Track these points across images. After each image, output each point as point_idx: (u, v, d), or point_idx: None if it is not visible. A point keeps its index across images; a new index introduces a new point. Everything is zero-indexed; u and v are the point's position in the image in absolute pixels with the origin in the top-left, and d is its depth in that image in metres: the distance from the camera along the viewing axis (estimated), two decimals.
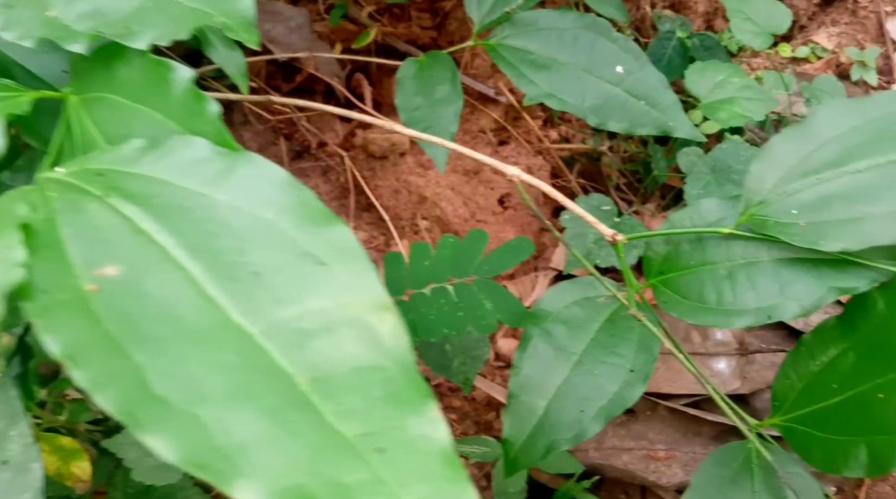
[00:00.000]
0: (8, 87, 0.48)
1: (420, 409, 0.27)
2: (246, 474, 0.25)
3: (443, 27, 1.49)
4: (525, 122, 1.53)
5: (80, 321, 0.28)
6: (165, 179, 0.33)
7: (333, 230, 0.30)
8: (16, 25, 0.45)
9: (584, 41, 1.05)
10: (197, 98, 0.37)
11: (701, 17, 1.67)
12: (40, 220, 0.33)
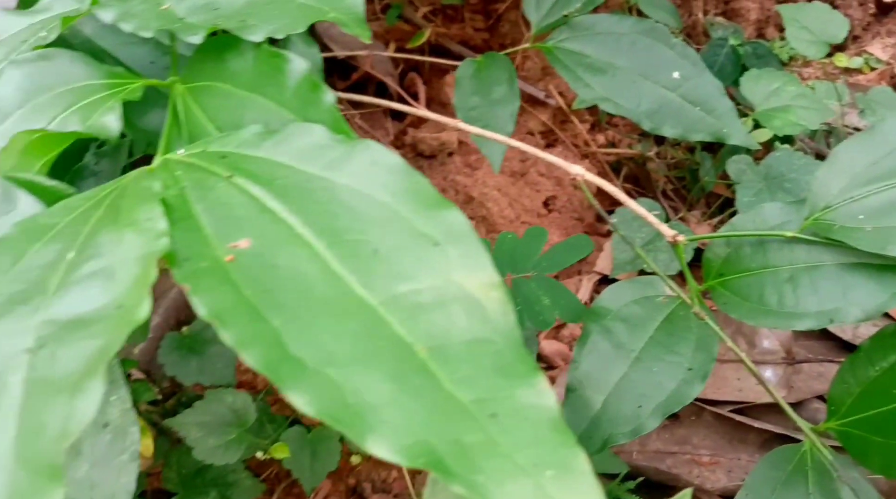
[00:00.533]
0: (120, 75, 0.51)
1: (528, 380, 0.29)
2: (376, 430, 0.27)
3: (495, 29, 1.52)
4: (573, 126, 1.55)
5: (222, 287, 0.30)
6: (287, 163, 0.36)
7: (447, 214, 0.33)
8: (132, 17, 0.49)
9: (642, 46, 1.06)
10: (313, 88, 0.39)
11: (752, 25, 1.67)
12: (173, 195, 0.36)
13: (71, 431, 0.25)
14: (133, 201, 0.35)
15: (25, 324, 0.30)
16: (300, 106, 0.40)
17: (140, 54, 0.72)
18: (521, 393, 0.29)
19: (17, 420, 0.27)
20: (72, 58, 0.50)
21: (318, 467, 0.86)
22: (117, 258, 0.32)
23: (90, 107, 0.47)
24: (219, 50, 0.46)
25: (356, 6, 0.42)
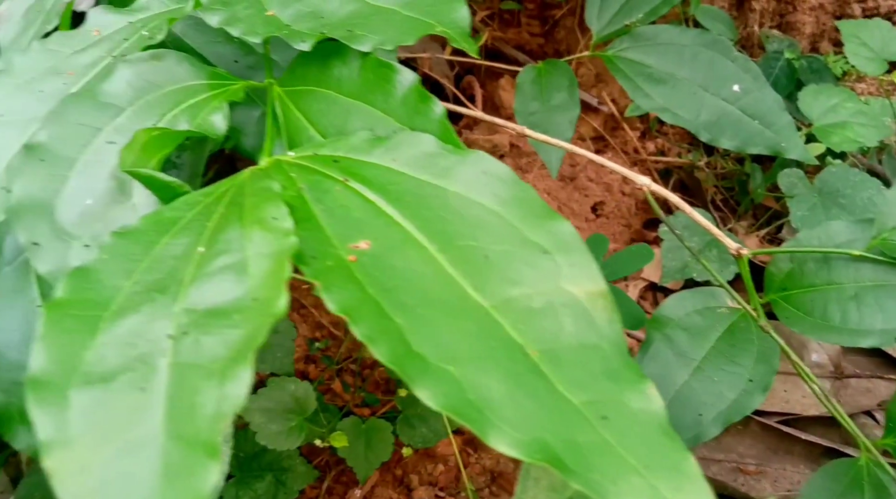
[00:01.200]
0: (223, 76, 0.54)
1: (637, 385, 0.31)
2: (496, 426, 0.29)
3: (551, 35, 1.53)
4: (623, 133, 1.56)
5: (348, 285, 0.33)
6: (399, 170, 0.38)
7: (556, 224, 0.35)
8: (238, 22, 0.51)
9: (703, 58, 1.07)
10: (423, 99, 0.41)
11: (807, 39, 1.67)
12: (292, 196, 0.38)
13: (225, 412, 0.27)
14: (256, 200, 0.37)
15: (166, 311, 0.33)
16: (407, 115, 0.42)
17: (225, 53, 0.75)
18: (631, 397, 0.30)
19: (167, 400, 0.29)
20: (178, 59, 0.53)
21: (372, 456, 0.88)
22: (248, 254, 0.34)
23: (197, 106, 0.50)
24: (322, 56, 0.48)
25: (463, 20, 0.43)
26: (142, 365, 0.30)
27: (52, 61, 0.60)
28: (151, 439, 0.28)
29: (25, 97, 0.57)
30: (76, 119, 0.48)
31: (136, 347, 0.31)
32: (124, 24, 0.62)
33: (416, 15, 0.44)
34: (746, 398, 0.65)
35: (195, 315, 0.32)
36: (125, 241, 0.37)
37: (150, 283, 0.34)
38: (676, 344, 0.68)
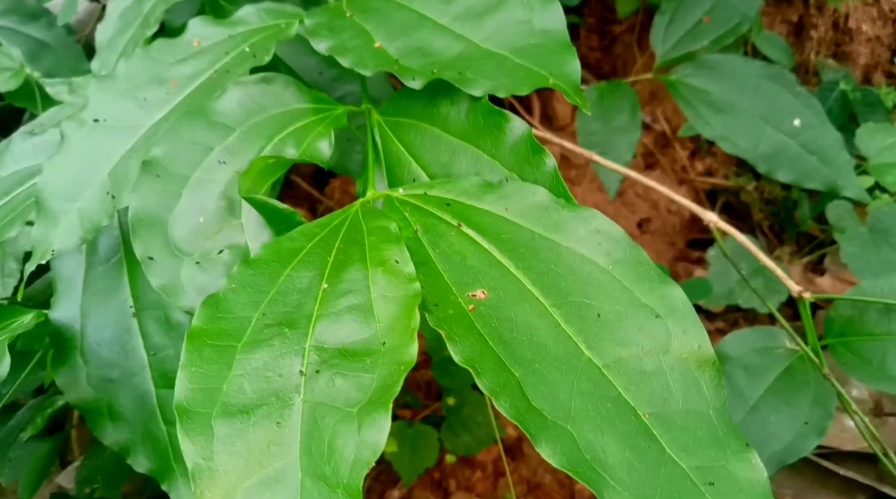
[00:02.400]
0: (325, 100, 0.55)
1: (742, 454, 0.33)
2: (612, 487, 0.31)
3: (610, 50, 1.53)
4: (673, 151, 1.57)
5: (470, 335, 0.34)
6: (512, 220, 0.40)
7: (667, 289, 0.36)
8: (347, 52, 0.53)
9: (766, 90, 1.08)
10: (534, 150, 0.43)
11: (860, 69, 1.66)
12: (408, 238, 0.40)
13: (366, 459, 0.29)
14: (376, 240, 0.39)
15: (297, 347, 0.35)
16: (517, 163, 0.43)
17: (309, 64, 0.77)
18: (736, 465, 0.32)
19: (302, 437, 0.31)
20: (285, 83, 0.54)
21: (417, 462, 0.91)
22: (373, 296, 0.36)
23: (303, 131, 0.52)
24: (429, 92, 0.49)
25: (574, 74, 0.45)
26: (276, 400, 0.32)
27: (154, 69, 0.62)
28: (289, 475, 0.30)
29: (129, 104, 0.59)
30: (190, 137, 0.50)
31: (270, 382, 0.33)
32: (224, 36, 0.64)
33: (527, 63, 0.46)
34: (802, 441, 0.67)
35: (325, 354, 0.34)
36: (251, 271, 0.39)
37: (278, 315, 0.36)
38: (734, 382, 0.70)
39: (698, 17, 1.15)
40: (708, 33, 1.13)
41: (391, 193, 0.45)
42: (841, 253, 1.13)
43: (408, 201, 0.43)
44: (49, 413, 0.87)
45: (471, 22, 0.51)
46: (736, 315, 1.33)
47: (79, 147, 0.58)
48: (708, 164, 1.58)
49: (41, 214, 0.56)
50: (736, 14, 1.13)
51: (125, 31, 0.71)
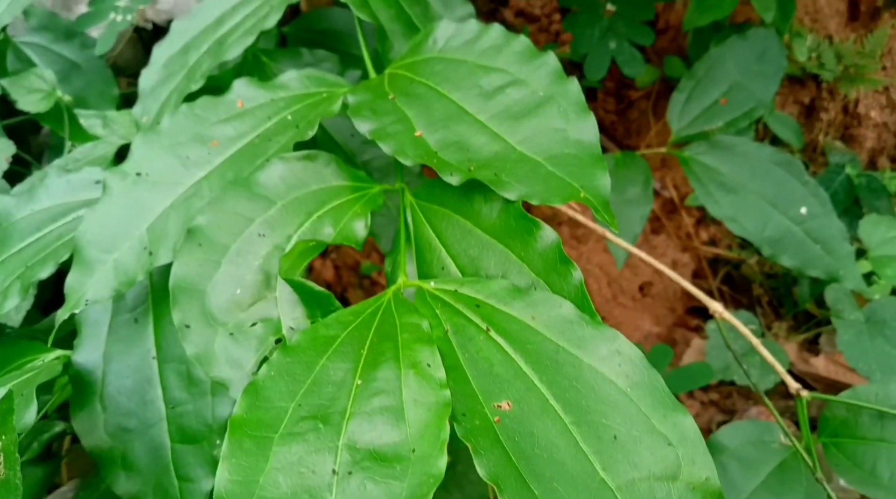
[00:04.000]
0: (363, 178, 0.58)
1: None
2: None
3: (625, 114, 1.57)
4: (679, 218, 1.60)
5: (495, 450, 0.36)
6: (538, 329, 0.42)
7: (680, 417, 0.38)
8: (389, 138, 0.55)
9: (776, 176, 1.11)
10: (563, 260, 0.45)
11: (867, 153, 1.70)
12: (439, 338, 0.42)
13: None
14: (409, 339, 0.41)
15: (330, 444, 0.37)
16: (545, 270, 0.46)
17: (342, 125, 0.80)
18: None
19: None
20: (327, 160, 0.57)
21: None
22: (404, 398, 0.38)
23: (340, 209, 0.54)
24: (464, 186, 0.51)
25: (605, 189, 0.47)
26: (310, 498, 0.34)
27: (197, 127, 0.64)
28: None
29: (172, 161, 0.62)
30: (233, 207, 0.53)
31: (304, 478, 0.35)
32: (267, 100, 0.67)
33: (560, 173, 0.48)
34: None
35: (357, 454, 0.36)
36: (289, 358, 0.41)
37: (313, 408, 0.38)
38: (729, 473, 0.72)
39: (715, 98, 1.18)
40: (723, 115, 1.17)
41: (423, 284, 0.47)
42: (837, 340, 1.15)
43: (439, 297, 0.45)
44: (46, 439, 0.88)
45: (508, 122, 0.54)
46: (730, 388, 1.36)
47: (120, 199, 0.60)
48: (712, 232, 1.61)
49: (78, 262, 0.58)
50: (752, 99, 1.16)
51: (169, 80, 0.74)
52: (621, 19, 1.07)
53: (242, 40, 0.70)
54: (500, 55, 0.59)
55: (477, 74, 0.58)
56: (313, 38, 1.06)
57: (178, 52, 0.75)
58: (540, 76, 0.56)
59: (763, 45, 1.17)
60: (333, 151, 0.78)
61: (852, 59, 1.48)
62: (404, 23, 0.75)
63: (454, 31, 0.64)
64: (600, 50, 1.06)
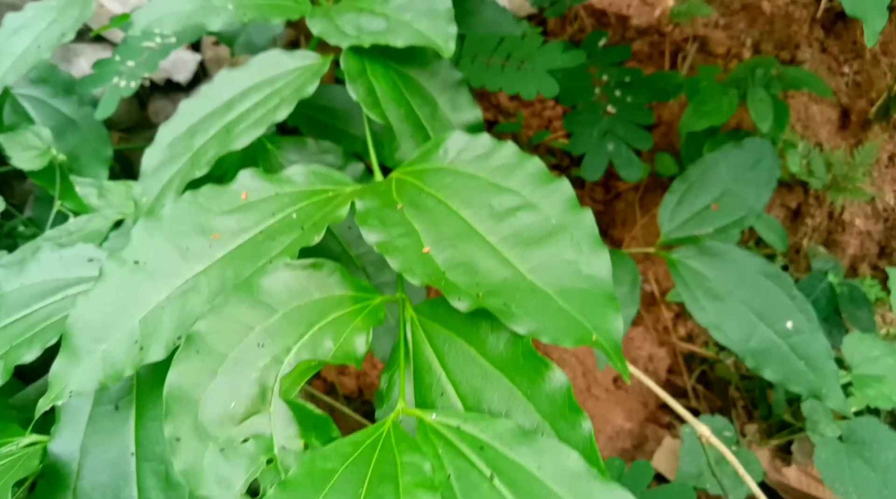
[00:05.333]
0: (365, 288, 0.57)
1: None
2: None
3: (612, 204, 1.59)
4: (659, 311, 1.60)
5: None
6: (545, 481, 0.41)
7: None
8: (397, 252, 0.55)
9: (764, 287, 1.12)
10: (573, 408, 0.45)
11: (849, 258, 1.73)
12: (440, 482, 0.41)
13: None
14: (410, 482, 0.40)
15: None
16: (551, 413, 0.45)
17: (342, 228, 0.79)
18: None
19: None
20: (331, 269, 0.56)
21: None
22: None
23: (341, 322, 0.53)
24: (471, 313, 0.51)
25: (617, 333, 0.47)
26: None
27: (200, 217, 0.63)
28: None
29: (171, 251, 0.61)
30: (233, 314, 0.51)
31: None
32: (272, 193, 0.66)
33: (571, 310, 0.48)
34: None
35: None
36: (286, 494, 0.39)
37: None
38: None
39: (706, 203, 1.19)
40: (714, 220, 1.18)
41: (424, 416, 0.46)
42: (814, 459, 1.15)
43: (441, 434, 0.44)
44: None
45: (519, 248, 0.54)
46: (701, 494, 1.34)
47: (115, 287, 0.59)
48: (690, 328, 1.62)
49: (65, 349, 0.56)
50: (743, 207, 1.18)
51: (173, 162, 0.73)
52: (620, 122, 1.09)
53: (251, 131, 0.70)
54: (513, 175, 0.59)
55: (488, 192, 0.59)
56: (313, 114, 1.07)
57: (184, 134, 0.75)
58: (553, 202, 0.56)
59: (758, 154, 1.20)
60: (329, 242, 0.78)
61: (841, 169, 1.52)
62: (413, 123, 0.76)
63: (466, 143, 0.64)
64: (598, 151, 1.07)
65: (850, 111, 1.54)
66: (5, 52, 0.97)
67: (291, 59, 0.79)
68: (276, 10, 0.83)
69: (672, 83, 1.28)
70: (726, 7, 1.45)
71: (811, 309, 1.09)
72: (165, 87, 1.45)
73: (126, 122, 1.45)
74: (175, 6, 0.84)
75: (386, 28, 0.77)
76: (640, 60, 1.48)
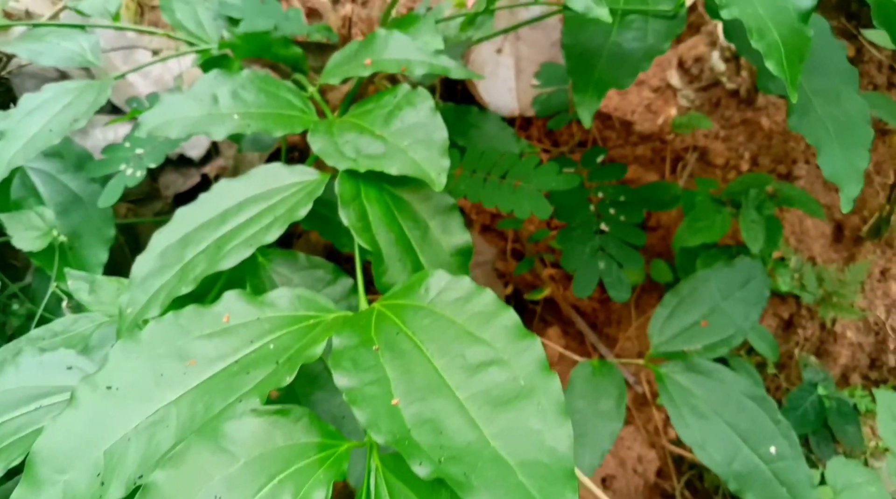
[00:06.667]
0: (333, 434, 0.57)
1: None
2: None
3: (607, 303, 1.59)
4: (650, 412, 1.59)
5: None
6: None
7: None
8: (364, 402, 0.55)
9: (750, 410, 1.11)
10: None
11: (840, 368, 1.72)
12: None
13: None
14: None
15: None
16: None
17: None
18: None
19: None
20: (299, 415, 0.57)
21: None
22: None
23: (303, 473, 0.53)
24: None
25: None
26: None
27: (179, 340, 0.64)
28: None
29: (146, 376, 0.61)
30: (194, 461, 0.52)
31: None
32: (253, 318, 0.67)
33: (531, 487, 0.48)
34: None
35: None
36: None
37: None
38: None
39: (696, 319, 1.20)
40: (703, 337, 1.18)
41: None
42: None
43: None
44: None
45: (486, 408, 0.54)
46: None
47: (85, 413, 0.59)
48: None
49: (27, 477, 0.56)
50: (732, 325, 1.18)
51: (162, 273, 0.74)
52: (613, 241, 1.10)
53: (240, 251, 0.71)
54: (489, 326, 0.60)
55: (463, 342, 0.59)
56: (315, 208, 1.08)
57: (177, 243, 0.76)
58: (523, 362, 0.56)
59: (748, 274, 1.21)
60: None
61: (833, 285, 1.52)
62: (403, 246, 0.77)
63: (447, 284, 0.65)
64: (589, 268, 1.08)
65: (844, 226, 1.56)
66: (17, 134, 0.99)
67: (290, 173, 0.81)
68: (281, 121, 0.85)
69: (670, 194, 1.30)
70: (726, 120, 1.48)
71: (794, 435, 1.09)
72: (178, 161, 1.47)
73: (135, 193, 1.47)
74: (183, 111, 0.86)
75: (384, 152, 0.79)
76: (642, 165, 1.50)
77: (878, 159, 1.58)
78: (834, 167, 0.74)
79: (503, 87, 1.44)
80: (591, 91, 0.87)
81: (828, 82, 0.79)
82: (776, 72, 0.59)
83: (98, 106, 1.03)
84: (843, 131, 0.74)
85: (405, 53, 0.89)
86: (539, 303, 1.54)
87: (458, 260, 0.80)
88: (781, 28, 0.61)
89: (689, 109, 1.52)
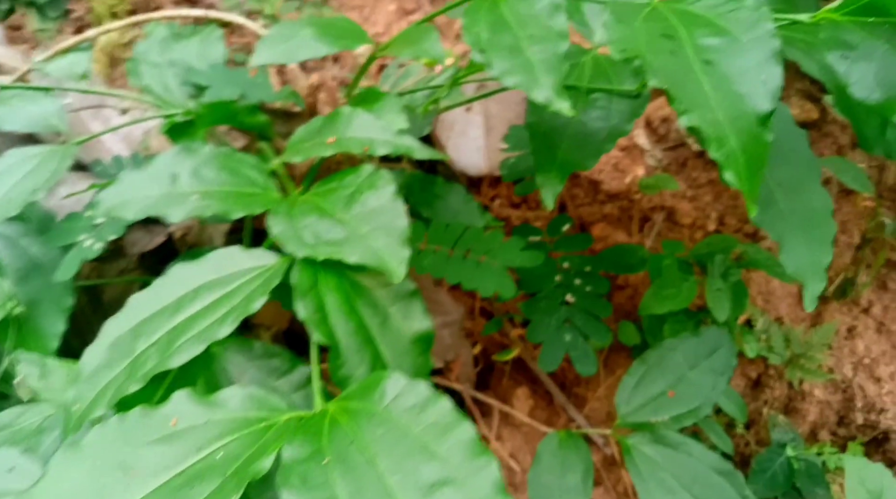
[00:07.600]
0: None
1: None
2: None
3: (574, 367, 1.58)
4: (619, 472, 1.58)
5: None
6: None
7: None
8: None
9: (716, 485, 1.11)
10: None
11: (809, 425, 1.72)
12: None
13: None
14: None
15: None
16: None
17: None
18: None
19: None
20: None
21: None
22: None
23: None
24: None
25: None
26: None
27: (123, 449, 0.62)
28: None
29: (86, 490, 0.59)
30: None
31: None
32: (202, 421, 0.65)
33: None
34: None
35: None
36: None
37: None
38: None
39: (662, 389, 1.19)
40: (670, 408, 1.17)
41: None
42: None
43: None
44: None
45: None
46: None
47: None
48: None
49: None
50: (699, 396, 1.17)
51: (111, 367, 0.71)
52: (579, 312, 1.10)
53: (192, 347, 0.69)
54: (445, 439, 0.58)
55: (417, 458, 0.58)
56: None
57: (128, 333, 0.74)
58: (478, 484, 0.55)
59: (715, 344, 1.20)
60: None
61: (800, 348, 1.53)
62: (362, 337, 0.75)
63: (404, 387, 0.64)
64: (556, 341, 1.07)
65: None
66: None
67: (249, 258, 0.79)
68: (241, 201, 0.84)
69: (637, 257, 1.30)
70: (693, 180, 1.48)
71: None
72: (145, 219, 1.44)
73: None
74: (142, 190, 0.84)
75: (344, 238, 0.77)
76: (609, 223, 1.51)
77: (843, 219, 1.59)
78: (797, 264, 0.74)
79: (472, 145, 1.43)
80: (555, 173, 0.87)
81: (791, 173, 0.79)
82: (734, 184, 0.59)
83: (60, 174, 1.01)
84: (806, 226, 0.74)
85: (368, 132, 0.88)
86: (508, 362, 1.52)
87: (418, 347, 0.78)
88: (741, 135, 0.61)
89: (656, 169, 1.53)
